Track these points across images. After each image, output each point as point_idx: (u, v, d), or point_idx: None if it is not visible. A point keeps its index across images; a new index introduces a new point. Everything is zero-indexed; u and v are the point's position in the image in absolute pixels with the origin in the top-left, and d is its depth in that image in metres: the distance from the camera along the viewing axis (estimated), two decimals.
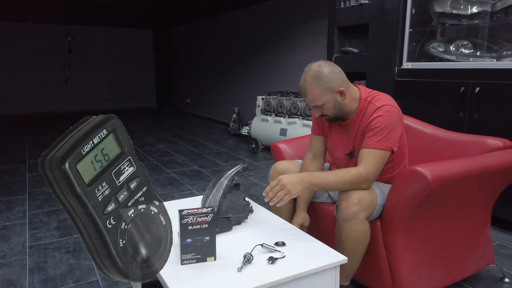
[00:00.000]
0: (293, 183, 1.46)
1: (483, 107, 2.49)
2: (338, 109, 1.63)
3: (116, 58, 9.54)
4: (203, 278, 1.21)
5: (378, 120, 1.57)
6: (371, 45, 3.26)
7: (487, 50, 2.70)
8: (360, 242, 1.54)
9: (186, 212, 1.28)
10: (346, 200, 1.52)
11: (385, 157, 1.57)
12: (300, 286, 1.27)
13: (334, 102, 1.61)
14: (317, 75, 1.58)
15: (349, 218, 1.50)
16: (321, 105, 1.61)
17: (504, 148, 1.77)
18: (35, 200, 3.12)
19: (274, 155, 2.17)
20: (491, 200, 1.82)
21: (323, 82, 1.58)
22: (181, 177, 3.77)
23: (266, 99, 4.92)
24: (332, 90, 1.59)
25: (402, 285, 1.56)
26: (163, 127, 7.07)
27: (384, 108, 1.58)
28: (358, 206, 1.49)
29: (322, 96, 1.59)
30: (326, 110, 1.63)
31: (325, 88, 1.58)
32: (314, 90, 1.58)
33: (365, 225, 1.53)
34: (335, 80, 1.60)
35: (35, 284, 1.89)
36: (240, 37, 6.61)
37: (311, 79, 1.59)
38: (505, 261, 2.11)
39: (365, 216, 1.53)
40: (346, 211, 1.51)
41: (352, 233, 1.51)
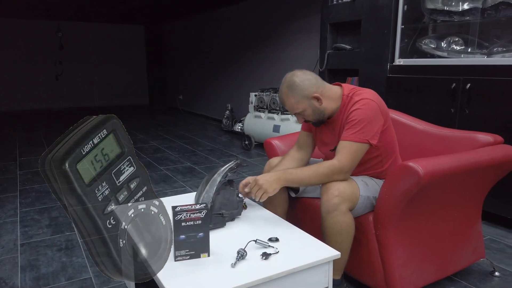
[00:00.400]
0: (269, 182, 1.56)
1: (474, 103, 2.51)
2: (318, 114, 1.68)
3: (108, 55, 9.46)
4: (197, 274, 1.21)
5: (354, 113, 1.60)
6: (364, 41, 3.27)
7: (478, 46, 2.72)
8: (345, 234, 1.55)
9: (179, 209, 1.28)
10: (326, 193, 1.56)
11: (361, 150, 1.59)
12: (294, 281, 1.28)
13: (312, 108, 1.66)
14: (290, 85, 1.64)
15: (331, 210, 1.53)
16: (300, 112, 1.68)
17: (495, 143, 1.79)
18: (26, 198, 3.09)
19: (268, 151, 2.17)
20: (481, 195, 1.85)
21: (297, 91, 1.63)
22: (174, 174, 3.76)
23: (259, 95, 4.91)
24: (307, 97, 1.64)
25: (394, 280, 1.58)
26: (155, 124, 7.04)
27: (362, 101, 1.61)
28: (339, 198, 1.53)
29: (298, 104, 1.65)
30: (307, 116, 1.69)
31: (299, 96, 1.64)
32: (290, 99, 1.65)
33: (347, 217, 1.55)
34: (308, 87, 1.64)
35: (27, 282, 1.88)
36: (232, 34, 6.59)
37: (285, 89, 1.66)
38: (495, 255, 2.14)
39: (347, 208, 1.55)
40: (327, 204, 1.54)
41: (336, 225, 1.54)
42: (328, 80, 3.74)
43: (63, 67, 9.02)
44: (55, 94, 9.06)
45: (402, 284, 1.59)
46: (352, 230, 1.58)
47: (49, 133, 5.94)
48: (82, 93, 9.35)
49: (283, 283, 1.25)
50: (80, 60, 9.21)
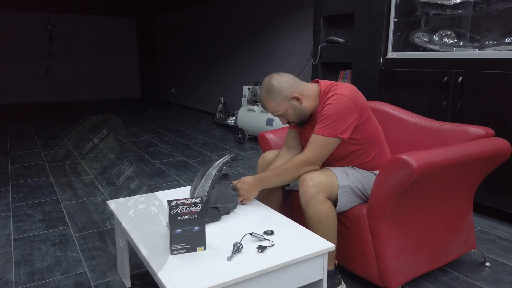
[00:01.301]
0: (247, 192, 1.67)
1: (466, 96, 2.54)
2: (299, 114, 1.72)
3: (99, 47, 9.35)
4: (194, 268, 1.22)
5: (325, 109, 1.64)
6: (357, 34, 3.27)
7: (470, 40, 2.74)
8: (325, 222, 1.58)
9: (175, 203, 1.28)
10: (302, 184, 1.60)
11: (328, 143, 1.63)
12: (289, 273, 1.29)
13: (293, 108, 1.70)
14: (269, 89, 1.68)
15: (308, 201, 1.57)
16: (282, 114, 1.71)
17: (486, 136, 1.81)
18: (19, 192, 3.07)
19: (262, 145, 2.18)
20: (473, 187, 1.87)
21: (276, 94, 1.67)
22: (168, 168, 3.75)
23: (252, 89, 4.91)
24: (287, 98, 1.68)
25: (388, 271, 1.60)
26: (148, 117, 7.00)
27: (334, 97, 1.64)
28: (314, 188, 1.56)
29: (279, 106, 1.69)
30: (289, 117, 1.73)
31: (279, 98, 1.67)
32: (270, 103, 1.69)
33: (325, 205, 1.58)
34: (286, 88, 1.68)
35: (22, 277, 1.87)
36: (225, 26, 6.56)
37: (265, 94, 1.70)
38: (486, 246, 2.18)
39: (324, 197, 1.58)
40: (304, 195, 1.59)
41: (314, 214, 1.57)
42: (322, 74, 3.76)
43: (53, 60, 8.90)
44: (45, 88, 8.95)
45: (395, 275, 1.61)
46: (332, 218, 1.60)
47: (40, 127, 5.87)
48: (73, 86, 9.25)
49: (279, 276, 1.27)
50: (70, 53, 9.09)
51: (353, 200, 1.69)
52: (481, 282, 1.82)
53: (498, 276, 1.87)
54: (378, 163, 1.78)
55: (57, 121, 6.39)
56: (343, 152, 1.73)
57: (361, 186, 1.70)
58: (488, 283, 1.81)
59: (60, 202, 2.86)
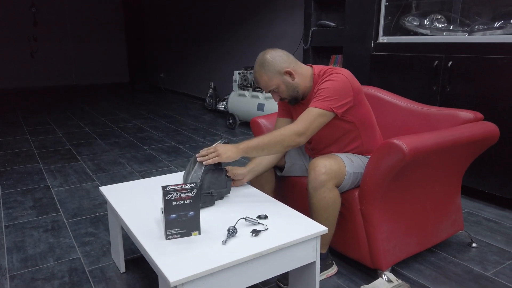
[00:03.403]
0: (225, 148, 1.59)
1: (455, 80, 2.56)
2: (292, 90, 1.70)
3: (85, 31, 9.15)
4: (189, 252, 1.23)
5: (322, 85, 1.63)
6: (348, 18, 3.26)
7: (460, 24, 2.75)
8: (331, 209, 1.60)
9: (169, 188, 1.28)
10: (314, 170, 1.59)
11: (321, 116, 1.59)
12: (283, 256, 1.32)
13: (285, 83, 1.68)
14: (262, 63, 1.67)
15: (318, 187, 1.58)
16: (275, 89, 1.69)
17: (475, 120, 1.84)
18: (8, 179, 3.03)
19: (254, 130, 2.18)
20: (461, 170, 1.91)
21: (269, 67, 1.65)
22: (159, 153, 3.74)
23: (243, 73, 4.88)
24: (279, 73, 1.66)
25: (379, 253, 1.64)
26: (137, 102, 6.93)
27: (332, 75, 1.64)
28: (326, 175, 1.57)
29: (271, 80, 1.66)
30: (281, 93, 1.70)
31: (272, 72, 1.65)
32: (263, 76, 1.67)
33: (333, 193, 1.60)
34: (279, 63, 1.66)
35: (15, 263, 1.87)
36: (215, 9, 6.46)
37: (258, 68, 1.68)
38: (473, 227, 2.23)
39: (333, 184, 1.60)
40: (314, 181, 1.58)
41: (322, 201, 1.59)
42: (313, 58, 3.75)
43: (38, 44, 8.70)
44: (31, 73, 8.75)
45: (386, 256, 1.65)
46: (338, 205, 1.63)
47: (26, 112, 5.78)
48: (60, 71, 9.07)
49: (273, 259, 1.29)
50: (56, 36, 8.88)
51: (352, 185, 1.71)
52: (468, 262, 1.87)
53: (484, 256, 1.92)
54: (371, 147, 1.81)
55: (44, 107, 6.28)
56: (337, 133, 1.73)
57: (362, 171, 1.72)
58: (474, 263, 1.86)
59: (50, 189, 2.84)
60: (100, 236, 2.14)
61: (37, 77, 8.83)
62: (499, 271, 1.80)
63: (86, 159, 3.54)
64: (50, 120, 5.25)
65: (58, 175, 3.12)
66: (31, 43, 8.62)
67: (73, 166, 3.34)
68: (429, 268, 1.82)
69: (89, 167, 3.33)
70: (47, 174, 3.15)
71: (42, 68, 8.85)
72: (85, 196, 2.70)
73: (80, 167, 3.33)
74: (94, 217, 2.37)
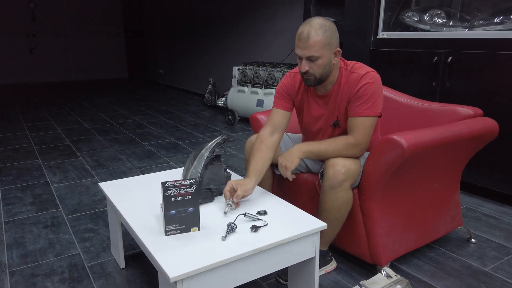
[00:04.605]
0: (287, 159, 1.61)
1: (455, 76, 2.56)
2: (327, 70, 1.59)
3: (84, 26, 9.11)
4: (189, 248, 1.23)
5: (366, 88, 1.57)
6: (348, 14, 3.25)
7: (460, 19, 2.75)
8: (343, 210, 1.60)
9: (169, 184, 1.28)
10: (333, 168, 1.55)
11: (374, 123, 1.61)
12: (283, 252, 1.32)
13: (328, 60, 1.56)
14: (324, 25, 1.53)
15: (335, 186, 1.55)
16: (315, 58, 1.54)
17: (475, 116, 1.84)
18: (7, 175, 3.03)
19: (254, 126, 2.18)
20: (461, 166, 1.91)
21: (328, 34, 1.53)
22: (158, 149, 3.74)
23: (242, 69, 4.87)
24: (331, 47, 1.55)
25: (378, 249, 1.64)
26: (136, 98, 6.91)
27: (369, 75, 1.59)
28: (345, 175, 1.54)
29: (323, 47, 1.53)
30: (317, 67, 1.56)
31: (327, 40, 1.53)
32: (318, 36, 1.51)
33: (349, 193, 1.59)
34: (336, 39, 1.58)
35: (15, 259, 1.88)
36: (214, 5, 6.44)
37: (318, 26, 1.52)
38: (472, 223, 2.24)
39: (350, 185, 1.58)
40: (332, 179, 1.55)
41: (337, 201, 1.57)
42: None
43: (37, 39, 8.67)
44: (29, 68, 8.73)
45: (385, 252, 1.66)
46: (349, 206, 1.62)
47: (25, 108, 5.77)
48: (59, 67, 9.04)
49: (272, 254, 1.29)
50: (54, 32, 8.85)
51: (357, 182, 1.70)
52: (466, 257, 1.88)
53: (483, 252, 1.93)
54: (375, 144, 1.80)
55: (43, 103, 6.27)
56: (344, 132, 1.70)
57: None
58: (473, 258, 1.87)
59: (50, 185, 2.84)
60: (100, 232, 2.14)
61: (36, 73, 8.80)
62: (497, 266, 1.81)
63: (85, 155, 3.54)
64: (49, 116, 5.24)
65: (57, 171, 3.12)
66: (30, 39, 8.59)
67: (73, 162, 3.34)
68: (428, 264, 1.82)
69: (88, 163, 3.33)
70: (47, 170, 3.15)
71: (41, 64, 8.82)
72: (85, 192, 2.70)
73: (80, 163, 3.33)
74: (93, 213, 2.37)
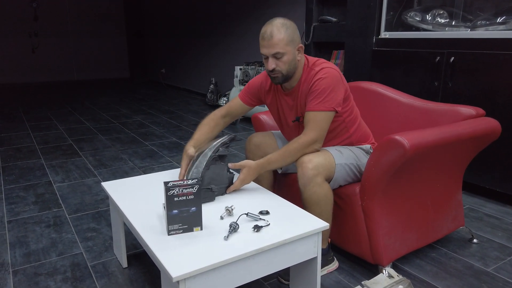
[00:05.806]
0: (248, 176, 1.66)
1: (457, 76, 2.56)
2: (292, 67, 1.64)
3: (85, 26, 9.13)
4: (191, 248, 1.24)
5: (318, 83, 1.62)
6: (350, 13, 3.25)
7: (462, 19, 2.74)
8: (323, 204, 1.61)
9: (171, 184, 1.29)
10: (301, 166, 1.60)
11: (328, 118, 1.63)
12: (285, 252, 1.32)
13: (293, 56, 1.63)
14: (285, 24, 1.60)
15: (307, 183, 1.58)
16: (281, 55, 1.60)
17: (477, 116, 1.84)
18: (10, 174, 3.04)
19: (255, 126, 2.18)
20: (463, 166, 1.91)
21: (290, 32, 1.60)
22: (160, 149, 3.74)
23: (244, 69, 4.87)
24: (294, 43, 1.63)
25: (379, 248, 1.64)
26: (137, 98, 6.93)
27: (323, 71, 1.63)
28: (313, 170, 1.57)
29: (287, 44, 1.59)
30: (283, 63, 1.62)
31: (290, 37, 1.60)
32: (281, 34, 1.58)
33: (323, 187, 1.60)
34: (298, 36, 1.65)
35: (18, 258, 1.88)
36: (216, 5, 6.44)
37: (280, 25, 1.60)
38: (474, 223, 2.24)
39: (323, 179, 1.60)
40: (302, 177, 1.59)
41: (312, 196, 1.59)
42: (314, 54, 3.73)
43: (39, 39, 8.69)
44: (32, 68, 8.76)
45: (386, 252, 1.66)
46: (329, 199, 1.63)
47: (28, 108, 5.78)
48: (61, 66, 9.07)
49: (274, 254, 1.29)
50: (56, 32, 8.87)
51: (348, 177, 1.71)
52: (468, 258, 1.88)
53: (485, 252, 1.93)
54: (360, 137, 1.82)
55: (45, 102, 6.29)
56: None
57: (355, 162, 1.72)
58: (475, 259, 1.87)
59: (52, 184, 2.85)
60: (102, 232, 2.15)
61: (38, 73, 8.83)
62: (499, 267, 1.80)
63: (87, 155, 3.55)
64: (51, 116, 5.25)
65: (60, 171, 3.13)
66: (32, 38, 8.61)
67: (75, 162, 3.35)
68: (430, 264, 1.82)
69: (90, 162, 3.34)
70: (49, 169, 3.16)
71: (43, 63, 8.85)
72: (87, 192, 2.71)
73: (82, 162, 3.34)
74: (96, 213, 2.38)
